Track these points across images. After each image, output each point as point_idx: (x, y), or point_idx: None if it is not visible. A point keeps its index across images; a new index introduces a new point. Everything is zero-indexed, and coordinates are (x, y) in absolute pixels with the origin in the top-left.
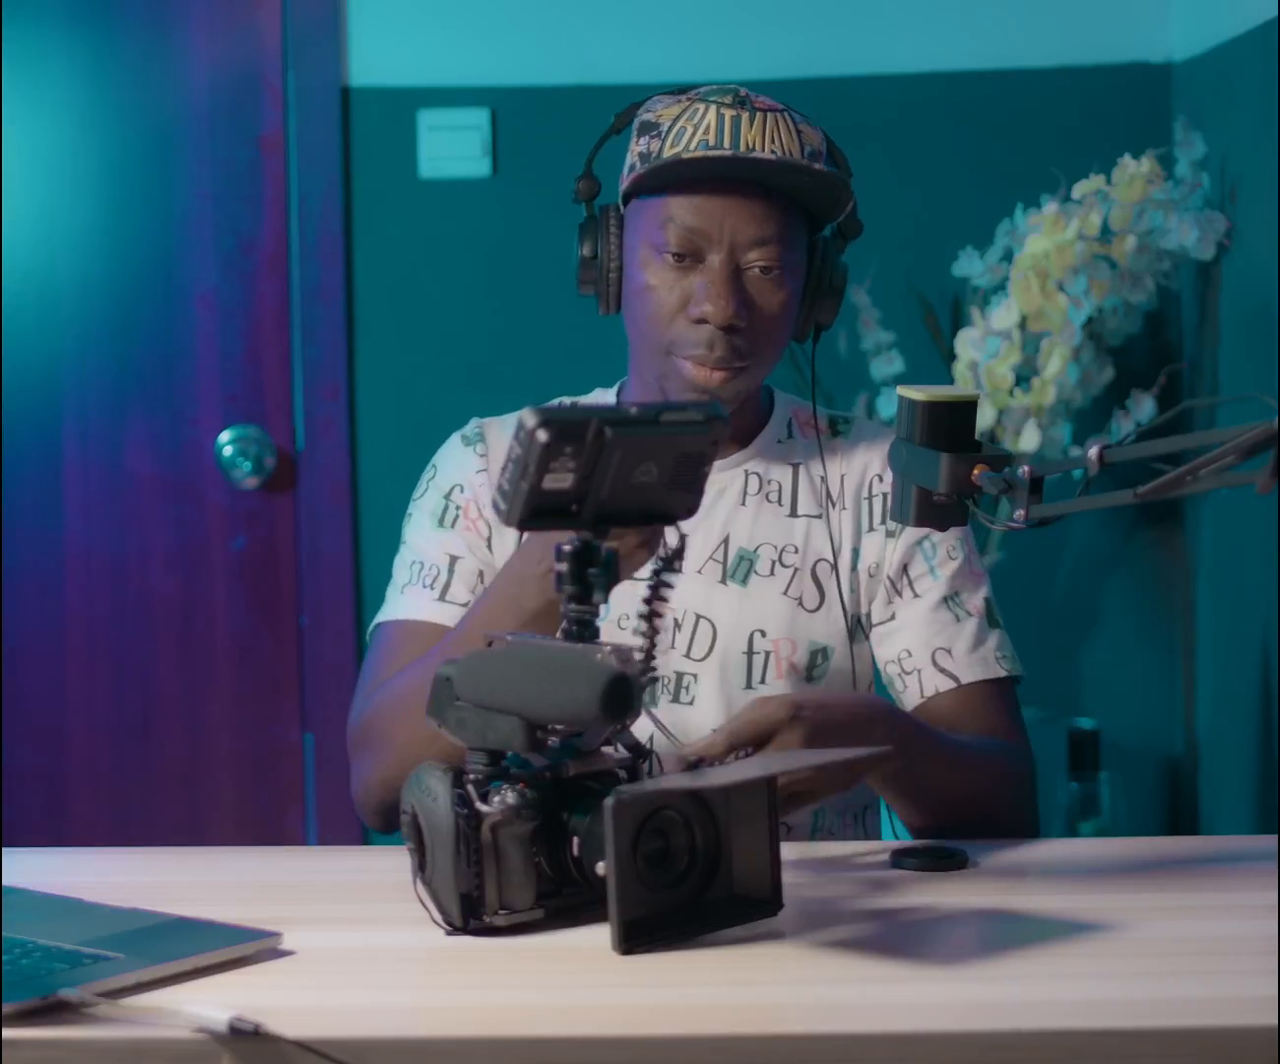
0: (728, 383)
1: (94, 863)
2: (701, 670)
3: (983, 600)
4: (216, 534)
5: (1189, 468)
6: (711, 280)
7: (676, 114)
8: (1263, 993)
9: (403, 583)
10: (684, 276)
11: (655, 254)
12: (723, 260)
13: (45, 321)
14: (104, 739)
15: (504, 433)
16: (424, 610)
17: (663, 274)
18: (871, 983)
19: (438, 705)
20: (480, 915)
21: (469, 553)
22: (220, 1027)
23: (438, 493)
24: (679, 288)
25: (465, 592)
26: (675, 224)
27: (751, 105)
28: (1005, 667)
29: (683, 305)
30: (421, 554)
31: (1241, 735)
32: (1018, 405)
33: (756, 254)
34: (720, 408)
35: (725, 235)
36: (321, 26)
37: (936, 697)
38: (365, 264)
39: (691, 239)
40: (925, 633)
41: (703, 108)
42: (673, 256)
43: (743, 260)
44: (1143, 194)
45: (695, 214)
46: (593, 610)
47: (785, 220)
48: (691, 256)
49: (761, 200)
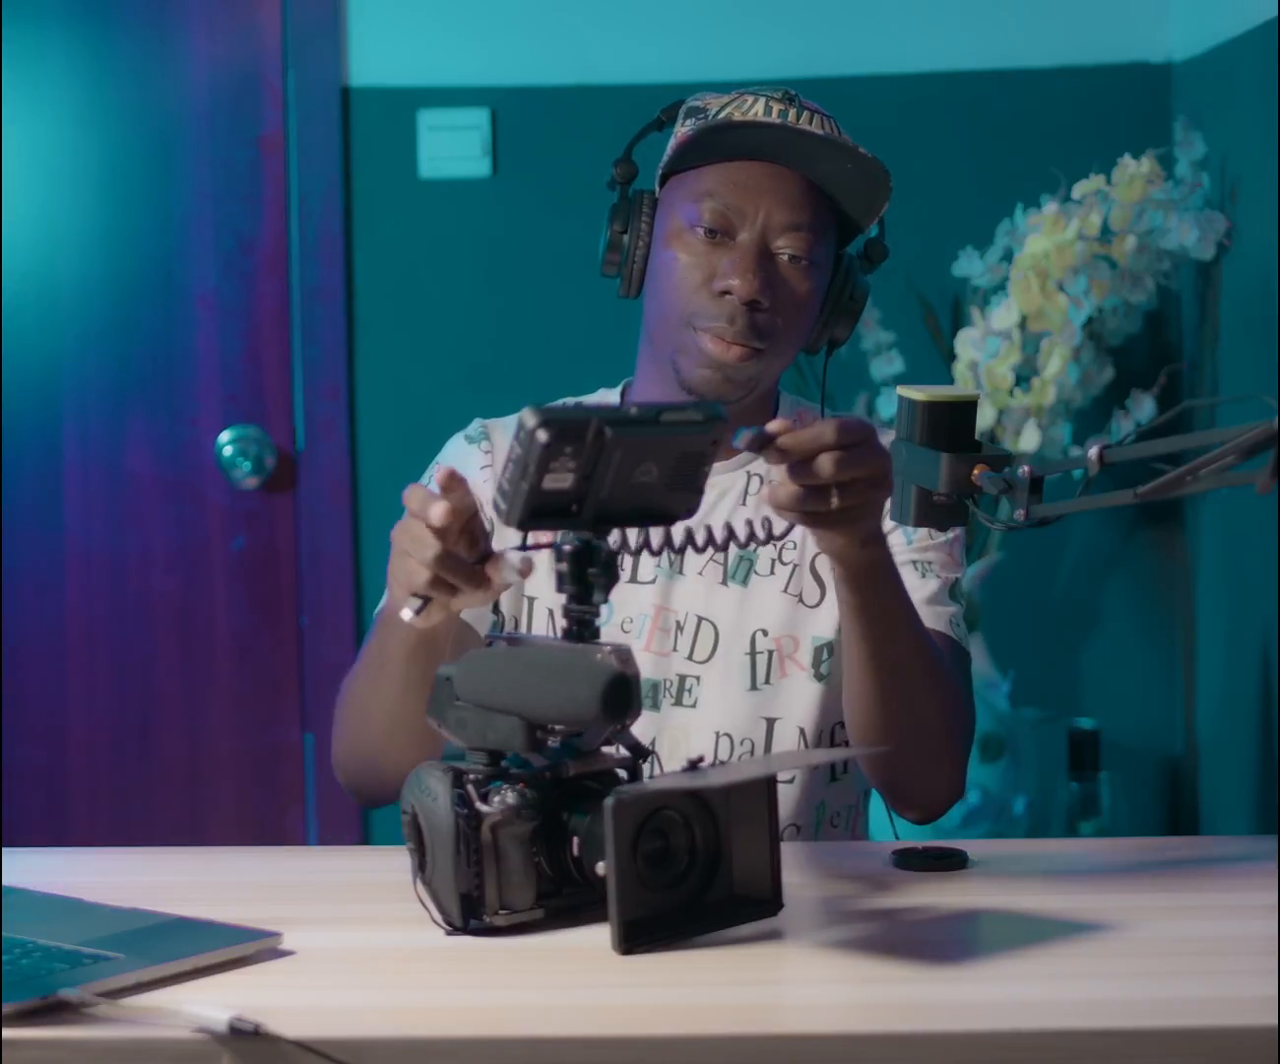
0: (744, 362)
1: (94, 863)
2: (704, 672)
3: (952, 579)
4: (216, 534)
5: (1189, 468)
6: (741, 255)
7: (725, 102)
8: (1263, 993)
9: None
10: (713, 253)
11: (689, 228)
12: (754, 238)
13: (45, 321)
14: (104, 739)
15: (508, 434)
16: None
17: (693, 247)
18: (871, 983)
19: (438, 705)
20: (480, 915)
21: None
22: (220, 1027)
23: None
24: (707, 262)
25: None
26: (712, 199)
27: (800, 103)
28: (957, 635)
29: (708, 280)
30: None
31: (1241, 735)
32: (1018, 405)
33: (787, 239)
34: (720, 408)
35: (760, 214)
36: (321, 26)
37: None
38: (365, 264)
39: (726, 215)
40: None
41: (751, 98)
42: (705, 232)
43: (773, 244)
44: (1143, 194)
45: (733, 189)
46: (593, 610)
47: (820, 213)
48: (724, 233)
49: (801, 183)
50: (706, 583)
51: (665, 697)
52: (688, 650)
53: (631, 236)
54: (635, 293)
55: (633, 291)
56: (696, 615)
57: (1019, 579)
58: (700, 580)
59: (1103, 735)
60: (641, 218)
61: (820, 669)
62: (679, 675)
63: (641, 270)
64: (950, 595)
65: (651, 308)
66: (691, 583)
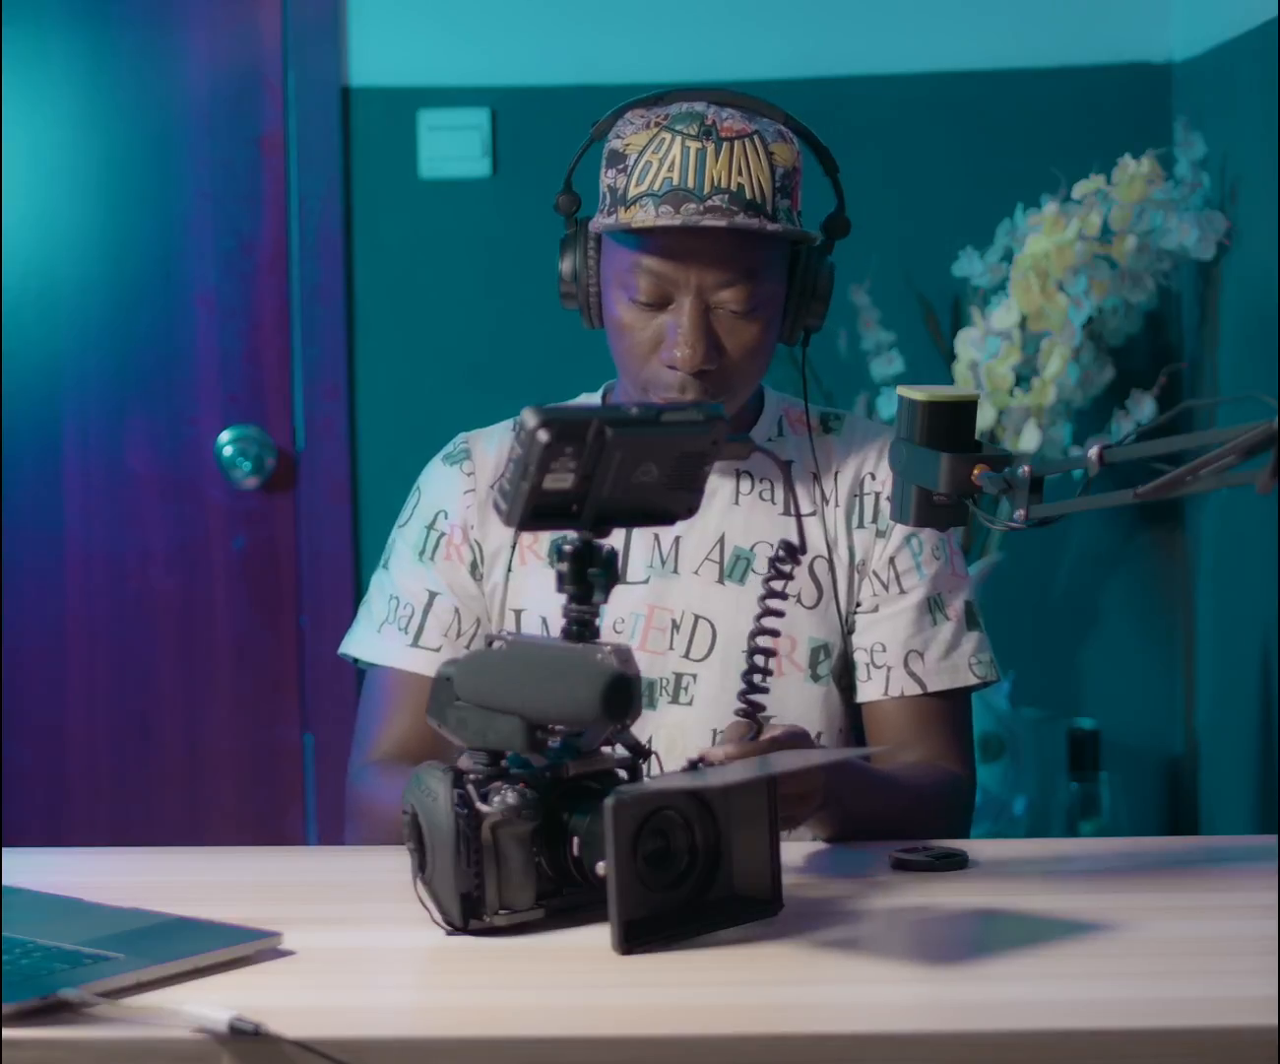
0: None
1: (94, 863)
2: (701, 670)
3: (963, 604)
4: (216, 534)
5: (1189, 468)
6: (680, 325)
7: (643, 144)
8: (1263, 993)
9: (380, 618)
10: (655, 316)
11: (626, 294)
12: (691, 303)
13: (45, 321)
14: (104, 739)
15: (489, 445)
16: (399, 657)
17: (635, 314)
18: (871, 983)
19: (438, 705)
20: (480, 915)
21: (447, 589)
22: (220, 1027)
23: (420, 523)
24: (651, 327)
25: (438, 635)
26: (643, 272)
27: (718, 135)
28: (977, 673)
29: (655, 347)
30: (399, 588)
31: (1241, 735)
32: (1018, 405)
33: (726, 294)
34: (720, 408)
35: (693, 278)
36: (321, 26)
37: (899, 698)
38: (365, 264)
39: (660, 286)
40: (903, 632)
41: (669, 138)
42: (642, 303)
43: (712, 300)
44: (1143, 194)
45: (660, 264)
46: (593, 610)
47: (754, 253)
48: (661, 301)
49: (727, 242)
50: (703, 581)
51: (662, 694)
52: (684, 648)
53: (582, 275)
54: (596, 325)
55: (594, 324)
56: (694, 614)
57: (1019, 579)
58: (696, 579)
59: (1103, 735)
60: (589, 255)
61: (817, 670)
62: (675, 674)
63: (598, 307)
64: (967, 624)
65: (615, 354)
66: (687, 581)
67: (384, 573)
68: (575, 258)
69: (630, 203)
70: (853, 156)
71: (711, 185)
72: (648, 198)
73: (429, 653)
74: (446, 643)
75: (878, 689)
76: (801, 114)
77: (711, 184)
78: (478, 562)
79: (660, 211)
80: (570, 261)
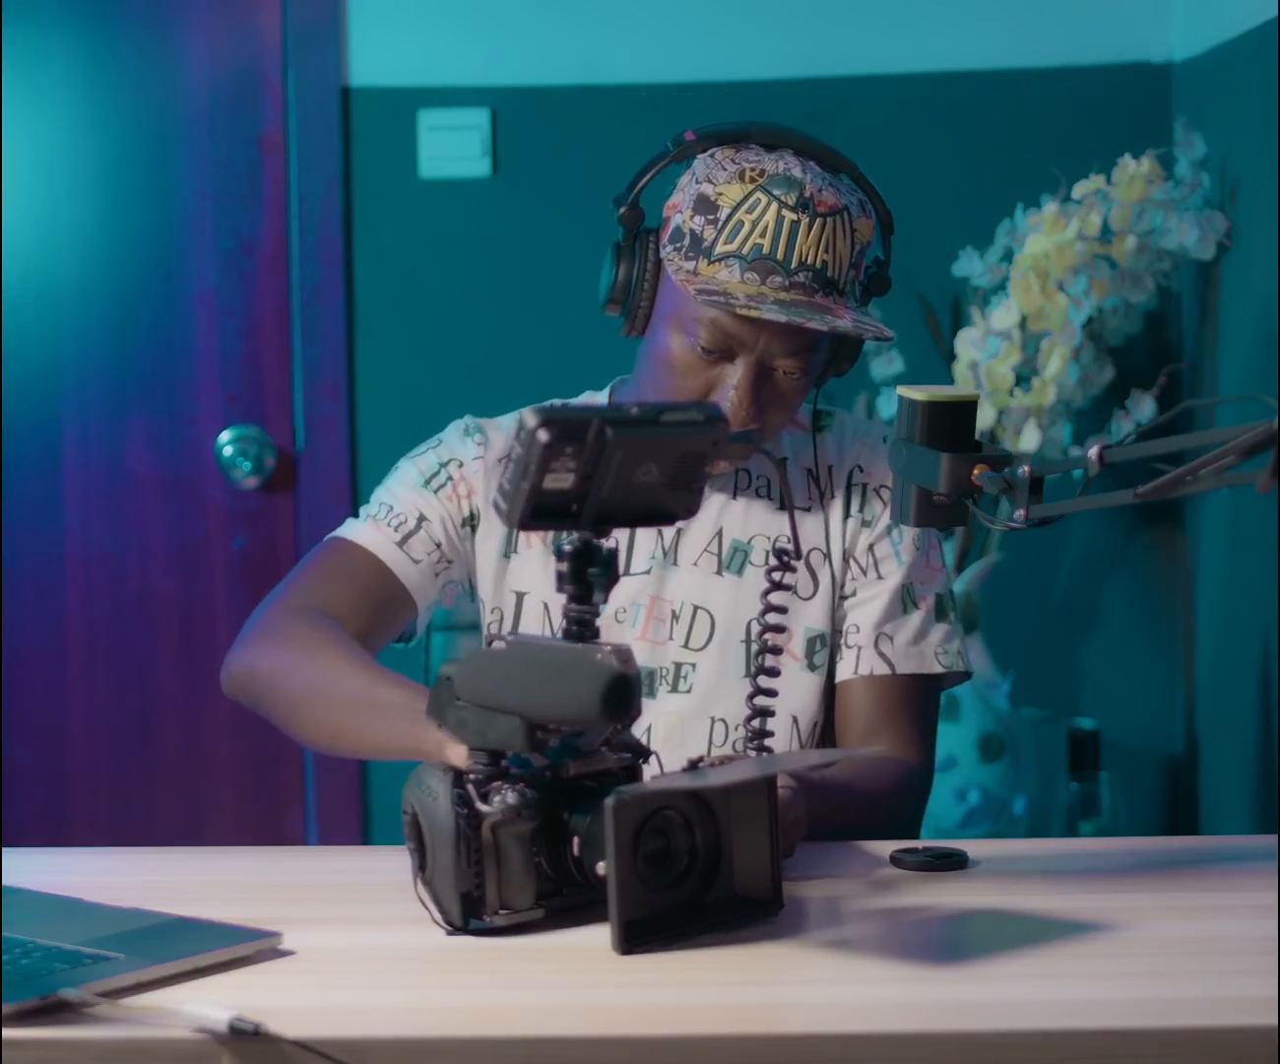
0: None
1: (94, 863)
2: (700, 659)
3: (934, 596)
4: (216, 534)
5: (1189, 468)
6: (736, 385)
7: (737, 199)
8: (1263, 993)
9: (369, 513)
10: (710, 369)
11: (688, 338)
12: (751, 364)
13: (45, 321)
14: (104, 739)
15: (500, 433)
16: (378, 545)
17: (692, 359)
18: (871, 983)
19: (438, 705)
20: (480, 915)
21: (440, 523)
22: (220, 1027)
23: (436, 459)
24: (704, 377)
25: (422, 552)
26: (712, 326)
27: (814, 209)
28: (943, 662)
29: (705, 393)
30: (397, 499)
31: (1241, 735)
32: (1018, 405)
33: (786, 362)
34: (720, 409)
35: (760, 343)
36: (321, 26)
37: (869, 677)
38: (365, 264)
39: (724, 343)
40: (875, 615)
41: (764, 202)
42: (703, 351)
43: (771, 363)
44: (1143, 194)
45: (733, 325)
46: (593, 610)
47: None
48: (722, 354)
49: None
50: (701, 573)
51: (661, 684)
52: (684, 638)
53: (636, 286)
54: (639, 333)
55: (636, 332)
56: (693, 604)
57: (1019, 579)
58: (695, 570)
59: (1103, 735)
60: (647, 267)
61: (813, 659)
62: (675, 663)
63: (646, 315)
64: (936, 616)
65: (647, 373)
66: (686, 572)
67: (383, 488)
68: (633, 271)
69: (715, 259)
70: (852, 156)
71: (799, 261)
72: (734, 259)
73: (408, 560)
74: (426, 563)
75: (849, 668)
76: (802, 114)
77: (799, 260)
78: (472, 520)
79: (746, 278)
80: (626, 272)
